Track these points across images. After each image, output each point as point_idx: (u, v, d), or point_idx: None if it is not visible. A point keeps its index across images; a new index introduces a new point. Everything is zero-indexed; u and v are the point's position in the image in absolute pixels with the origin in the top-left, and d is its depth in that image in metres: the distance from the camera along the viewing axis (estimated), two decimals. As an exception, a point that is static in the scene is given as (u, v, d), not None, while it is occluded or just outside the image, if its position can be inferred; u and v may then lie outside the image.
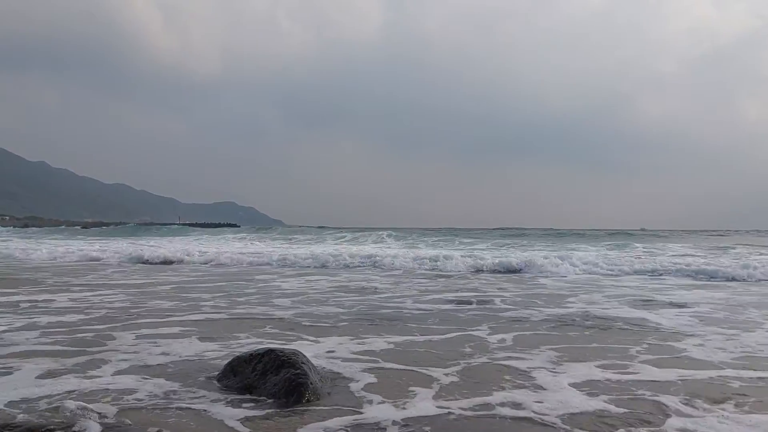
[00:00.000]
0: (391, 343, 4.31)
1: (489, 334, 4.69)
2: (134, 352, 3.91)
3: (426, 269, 11.78)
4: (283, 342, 4.27)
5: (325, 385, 3.03)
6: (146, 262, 13.61)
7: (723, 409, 2.78)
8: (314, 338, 4.48)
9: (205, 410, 2.73)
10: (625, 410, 2.75)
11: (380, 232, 26.60)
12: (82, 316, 5.35)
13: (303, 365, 2.98)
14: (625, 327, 5.09)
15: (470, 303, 6.60)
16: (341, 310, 5.87)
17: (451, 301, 6.74)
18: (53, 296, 6.79)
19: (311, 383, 2.87)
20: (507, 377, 3.33)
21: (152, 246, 18.40)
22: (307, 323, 5.15)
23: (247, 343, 4.21)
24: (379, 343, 4.31)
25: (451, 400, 2.88)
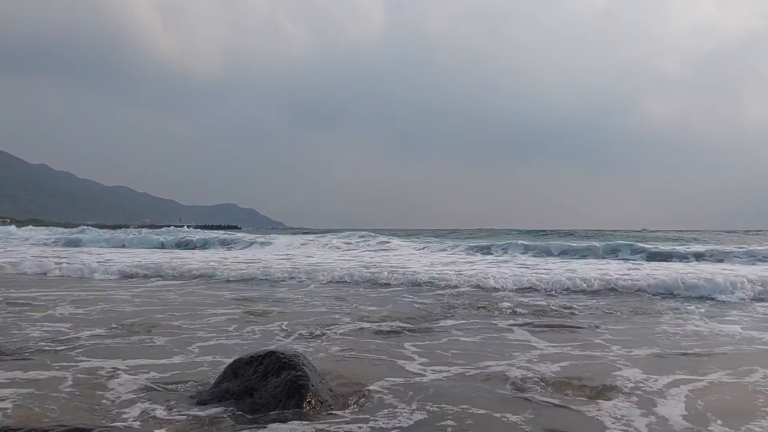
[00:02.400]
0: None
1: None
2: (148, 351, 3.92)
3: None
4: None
5: (326, 387, 3.03)
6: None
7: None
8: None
9: (203, 412, 2.73)
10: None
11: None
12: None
13: (304, 367, 2.98)
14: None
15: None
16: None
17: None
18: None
19: (312, 385, 2.88)
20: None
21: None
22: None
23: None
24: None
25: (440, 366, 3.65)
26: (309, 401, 2.79)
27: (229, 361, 3.25)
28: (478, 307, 6.39)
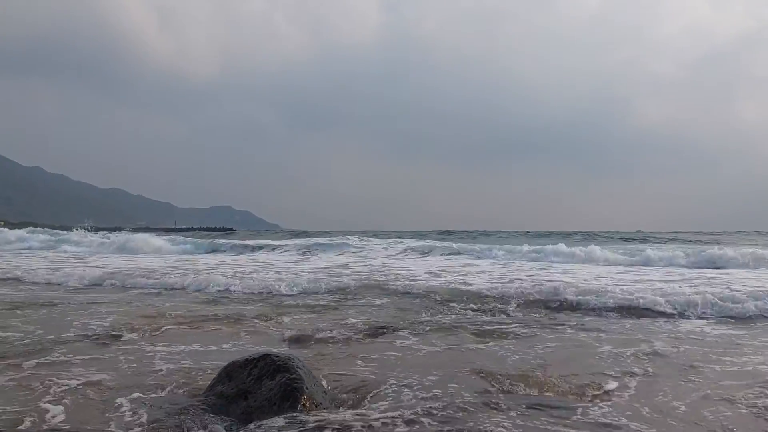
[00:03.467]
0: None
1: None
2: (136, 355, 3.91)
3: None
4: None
5: (321, 389, 3.03)
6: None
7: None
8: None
9: (196, 415, 2.73)
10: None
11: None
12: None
13: (298, 370, 2.97)
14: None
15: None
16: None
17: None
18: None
19: (307, 387, 2.87)
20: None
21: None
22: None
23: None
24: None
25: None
26: (304, 404, 2.77)
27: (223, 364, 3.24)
28: (461, 306, 6.45)
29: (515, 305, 6.59)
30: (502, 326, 5.31)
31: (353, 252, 18.26)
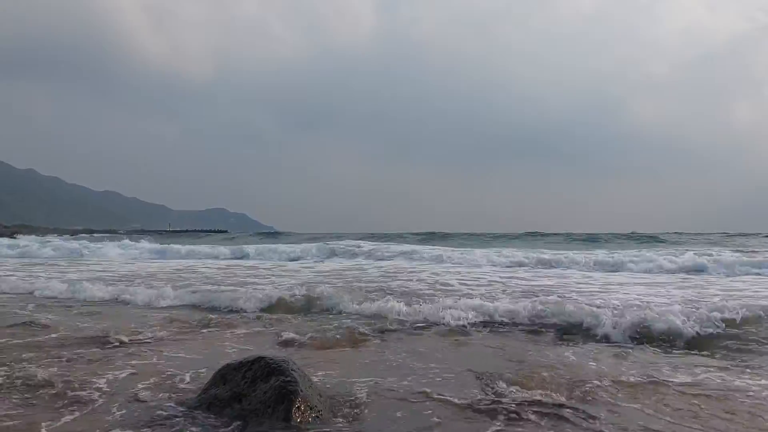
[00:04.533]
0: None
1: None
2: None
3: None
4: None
5: (315, 392, 3.06)
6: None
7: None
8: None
9: (191, 418, 2.76)
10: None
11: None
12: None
13: (293, 372, 2.98)
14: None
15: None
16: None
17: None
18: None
19: (301, 390, 2.88)
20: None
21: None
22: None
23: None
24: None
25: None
26: (298, 407, 2.78)
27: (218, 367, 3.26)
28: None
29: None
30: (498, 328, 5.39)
31: (350, 255, 18.28)
